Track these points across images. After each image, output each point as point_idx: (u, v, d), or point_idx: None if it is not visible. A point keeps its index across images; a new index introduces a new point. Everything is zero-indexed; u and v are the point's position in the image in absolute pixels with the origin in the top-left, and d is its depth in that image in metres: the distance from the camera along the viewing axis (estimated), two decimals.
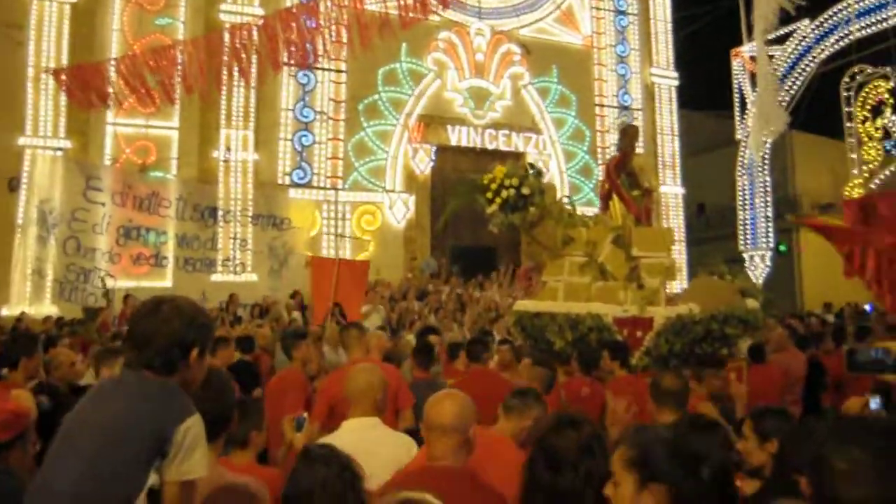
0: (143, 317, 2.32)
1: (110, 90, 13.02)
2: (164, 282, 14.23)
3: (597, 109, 20.39)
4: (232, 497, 2.52)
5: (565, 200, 7.20)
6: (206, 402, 2.50)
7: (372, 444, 3.08)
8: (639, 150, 9.18)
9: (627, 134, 7.54)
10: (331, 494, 2.22)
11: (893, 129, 23.18)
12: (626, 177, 7.09)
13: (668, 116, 21.58)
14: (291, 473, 2.34)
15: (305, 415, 3.53)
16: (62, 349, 6.41)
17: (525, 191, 6.36)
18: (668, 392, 3.77)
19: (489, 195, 6.58)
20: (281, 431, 5.02)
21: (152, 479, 2.08)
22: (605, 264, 6.08)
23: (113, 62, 13.27)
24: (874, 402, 3.41)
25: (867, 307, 17.87)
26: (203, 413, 2.33)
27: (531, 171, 6.64)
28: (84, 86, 12.86)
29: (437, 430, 2.72)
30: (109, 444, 2.06)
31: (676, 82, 21.89)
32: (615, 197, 7.05)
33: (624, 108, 20.49)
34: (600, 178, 18.89)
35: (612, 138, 19.61)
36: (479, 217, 18.17)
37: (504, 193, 6.42)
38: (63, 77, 13.12)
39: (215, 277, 14.94)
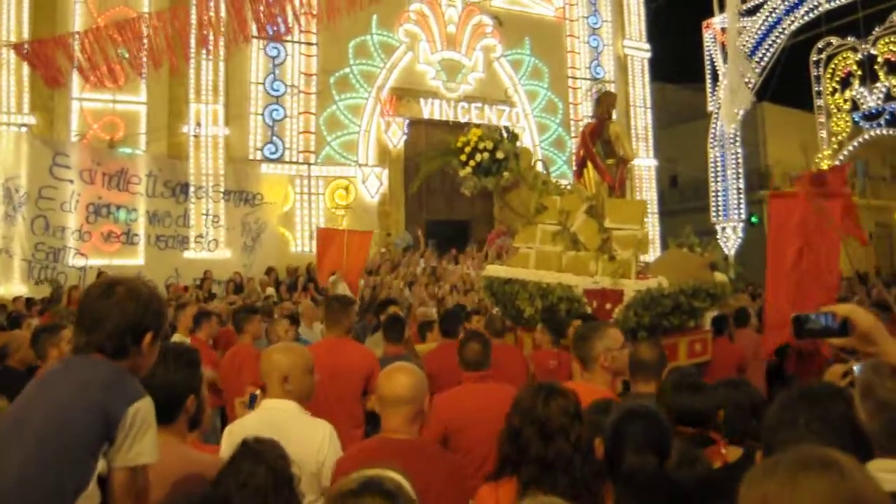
0: (95, 298, 2.21)
1: (75, 65, 12.75)
2: (136, 259, 14.06)
3: (570, 82, 20.37)
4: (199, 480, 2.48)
5: (539, 166, 7.14)
6: (166, 378, 2.47)
7: (276, 429, 2.81)
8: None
9: (603, 101, 7.47)
10: (251, 493, 2.09)
11: (861, 101, 23.45)
12: (601, 144, 7.06)
13: (640, 89, 21.63)
14: (224, 465, 2.24)
15: (258, 392, 3.44)
16: (18, 332, 6.29)
17: (499, 155, 6.32)
18: (644, 363, 3.75)
19: (463, 157, 6.53)
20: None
21: (100, 465, 2.01)
22: (578, 234, 6.04)
23: (76, 35, 12.99)
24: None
25: None
26: (165, 389, 2.29)
27: (506, 136, 6.60)
28: (47, 61, 12.57)
29: (391, 403, 2.76)
30: (54, 430, 1.99)
31: (649, 54, 21.94)
32: (589, 165, 7.04)
33: (596, 80, 20.44)
34: (574, 150, 18.96)
35: (585, 110, 19.63)
36: (453, 191, 18.24)
37: (478, 157, 6.37)
38: (25, 51, 12.80)
39: (188, 254, 14.78)
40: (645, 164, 21.22)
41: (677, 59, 25.90)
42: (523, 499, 2.29)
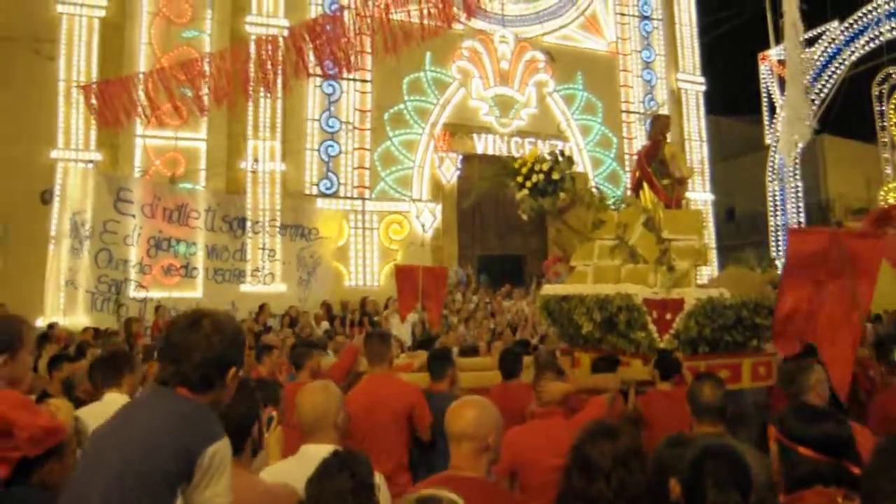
0: (182, 330, 2.24)
1: (139, 104, 13.22)
2: (194, 292, 14.32)
3: (623, 116, 20.29)
4: None
5: (595, 191, 7.11)
6: (234, 411, 2.49)
7: None
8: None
9: (657, 122, 7.49)
10: (332, 495, 2.24)
11: None
12: (656, 165, 7.04)
13: (695, 122, 21.37)
14: (314, 472, 2.37)
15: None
16: (82, 363, 6.36)
17: (555, 176, 6.32)
18: (710, 405, 3.55)
19: (520, 179, 6.54)
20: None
21: (178, 502, 2.04)
22: (636, 247, 5.94)
23: (142, 76, 13.48)
24: None
25: None
26: (232, 421, 2.31)
27: (561, 158, 6.60)
28: (112, 102, 13.05)
29: (454, 438, 2.71)
30: (138, 463, 2.01)
31: (703, 87, 21.70)
32: (645, 186, 7.00)
33: (649, 110, 20.30)
34: (628, 186, 18.79)
35: (640, 144, 19.48)
36: (507, 226, 18.26)
37: (534, 178, 6.38)
38: (92, 96, 13.32)
39: (245, 288, 15.02)
40: (701, 199, 20.89)
41: (731, 92, 25.64)
42: None
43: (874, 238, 5.68)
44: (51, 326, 11.64)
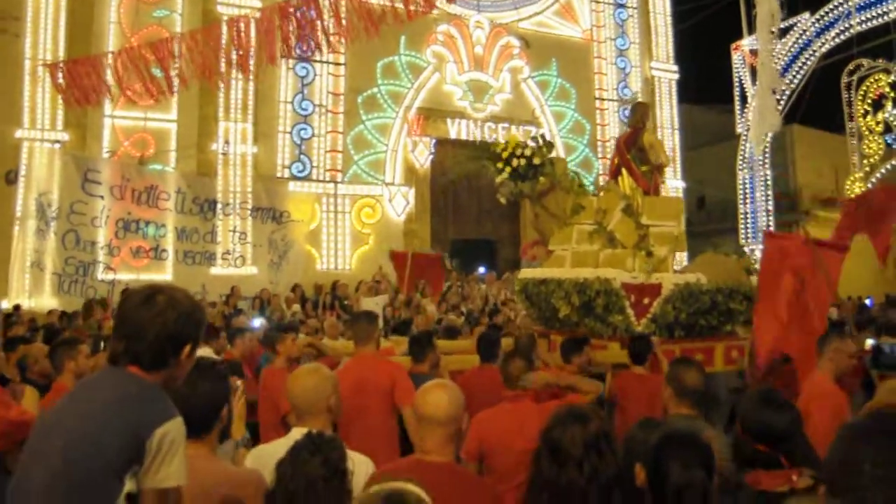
0: (135, 306, 2.15)
1: (107, 84, 12.96)
2: (163, 275, 14.14)
3: (597, 103, 20.33)
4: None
5: (574, 177, 7.15)
6: (200, 393, 2.45)
7: None
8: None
9: (637, 110, 7.56)
10: (303, 481, 2.17)
11: (894, 123, 23.15)
12: (635, 152, 7.10)
13: (668, 110, 21.50)
14: (284, 455, 2.29)
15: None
16: (35, 344, 6.30)
17: (536, 161, 6.34)
18: (693, 389, 3.56)
19: (500, 165, 6.55)
20: (275, 433, 4.84)
21: (129, 485, 1.97)
22: (615, 232, 5.99)
23: (110, 55, 13.22)
24: None
25: (868, 301, 17.82)
26: (201, 402, 2.25)
27: (542, 143, 6.61)
28: (79, 82, 12.78)
29: (426, 422, 2.66)
30: (81, 449, 1.94)
31: (676, 76, 21.82)
32: (624, 172, 7.05)
33: (623, 99, 20.40)
34: (600, 173, 18.90)
35: (613, 131, 19.60)
36: (480, 210, 18.22)
37: (514, 162, 6.39)
38: (58, 74, 13.02)
39: (215, 270, 14.87)
40: (672, 186, 21.02)
41: (704, 81, 25.83)
42: None
43: (839, 250, 5.80)
44: (16, 308, 11.44)
